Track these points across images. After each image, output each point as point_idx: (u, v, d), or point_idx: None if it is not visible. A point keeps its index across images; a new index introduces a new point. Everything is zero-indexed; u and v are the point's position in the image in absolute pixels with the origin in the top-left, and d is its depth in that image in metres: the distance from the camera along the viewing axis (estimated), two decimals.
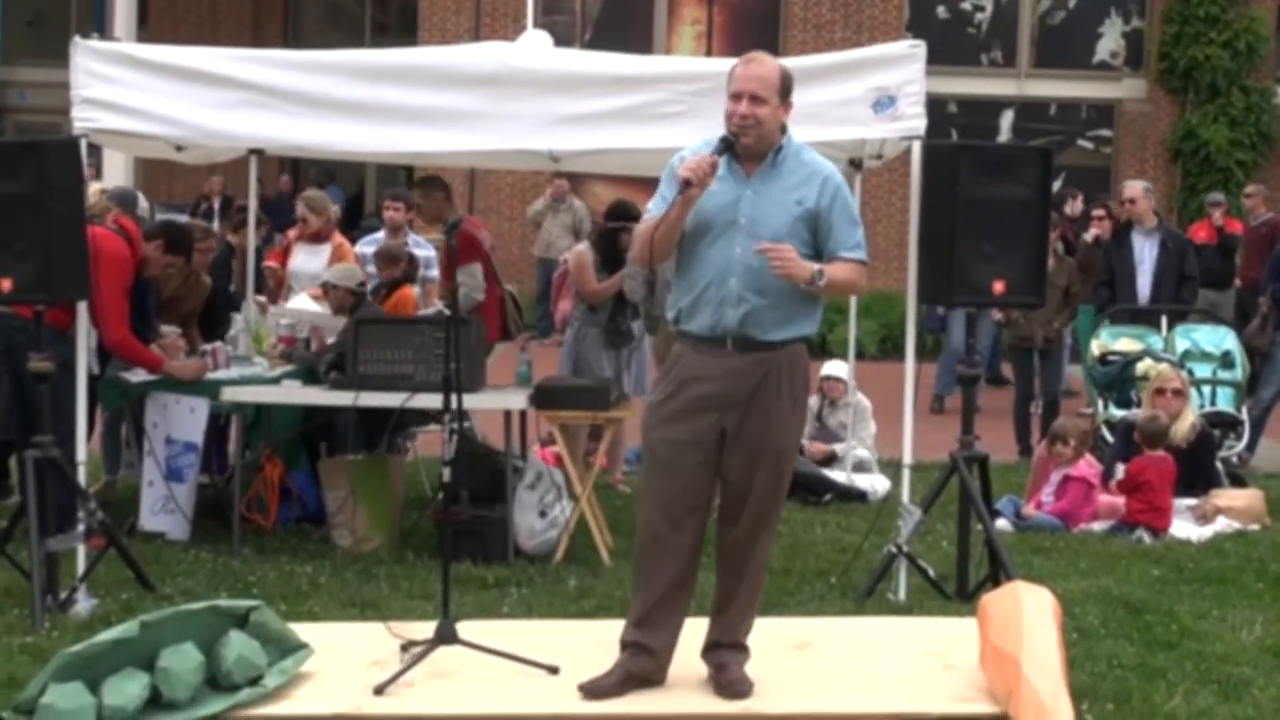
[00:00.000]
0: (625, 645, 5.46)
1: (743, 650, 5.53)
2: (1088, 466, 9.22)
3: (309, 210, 10.33)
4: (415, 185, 11.54)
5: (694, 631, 5.54)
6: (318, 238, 10.19)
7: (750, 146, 5.31)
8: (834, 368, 10.37)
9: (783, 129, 5.39)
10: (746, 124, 5.26)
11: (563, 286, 10.34)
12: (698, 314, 5.35)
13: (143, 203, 10.79)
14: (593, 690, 5.38)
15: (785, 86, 5.34)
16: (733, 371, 5.30)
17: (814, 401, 10.18)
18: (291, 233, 11.20)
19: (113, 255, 7.63)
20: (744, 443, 5.32)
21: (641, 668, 5.43)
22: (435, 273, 10.52)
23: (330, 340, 8.77)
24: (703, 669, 5.53)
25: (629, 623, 5.50)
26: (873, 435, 10.18)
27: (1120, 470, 9.19)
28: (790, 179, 5.33)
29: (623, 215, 9.40)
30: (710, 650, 5.53)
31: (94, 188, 8.56)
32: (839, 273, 5.33)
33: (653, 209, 5.38)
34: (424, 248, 10.65)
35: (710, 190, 5.29)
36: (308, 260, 10.38)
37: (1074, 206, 15.64)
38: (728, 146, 5.28)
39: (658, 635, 5.43)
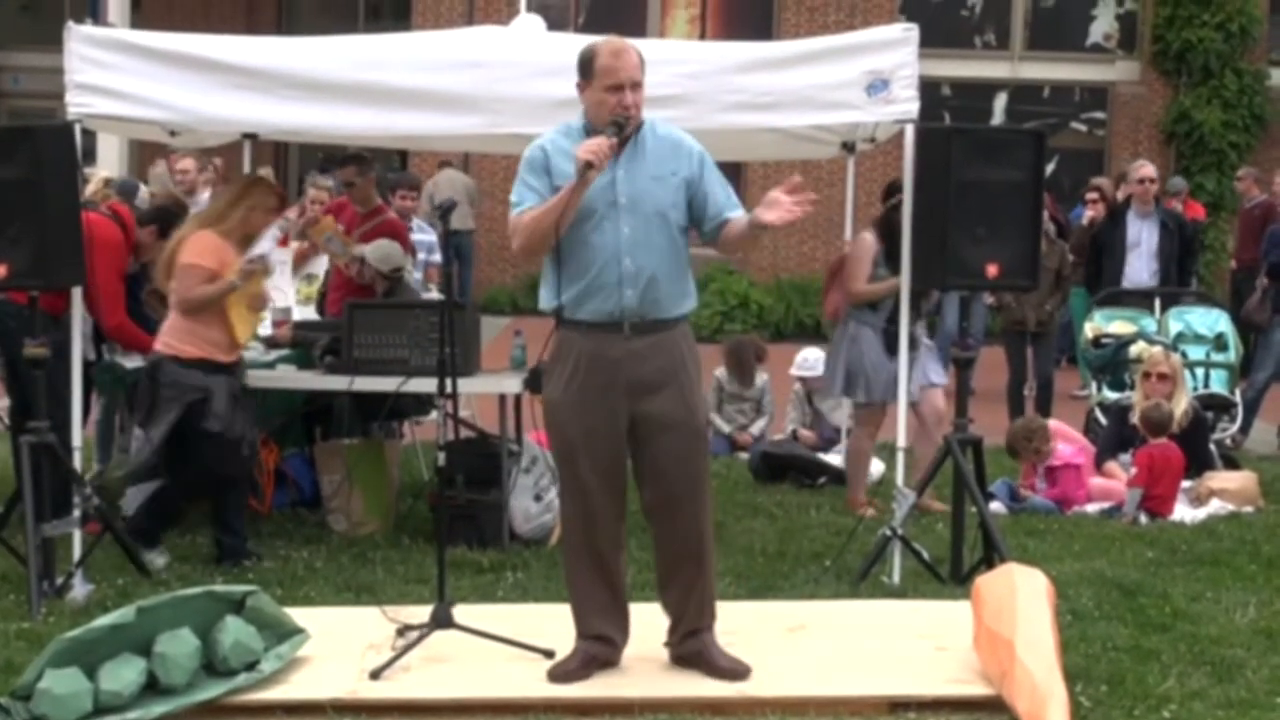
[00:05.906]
0: (579, 635, 5.52)
1: (710, 629, 5.55)
2: (1074, 453, 9.19)
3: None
4: (348, 164, 9.39)
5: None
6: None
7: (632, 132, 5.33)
8: (808, 355, 10.38)
9: None
10: (634, 112, 5.29)
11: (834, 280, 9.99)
12: (590, 300, 5.30)
13: (143, 193, 10.78)
14: (558, 675, 5.42)
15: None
16: (633, 354, 5.30)
17: (798, 389, 10.43)
18: (291, 213, 11.20)
19: (107, 240, 7.63)
20: (658, 423, 5.33)
21: (600, 652, 5.49)
22: (437, 257, 10.55)
23: None
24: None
25: (574, 617, 5.53)
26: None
27: (1118, 463, 9.17)
28: (655, 154, 5.36)
29: None
30: (689, 638, 5.52)
31: (99, 176, 8.55)
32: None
33: (525, 201, 5.31)
34: (426, 232, 10.66)
35: None
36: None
37: (1096, 210, 13.57)
38: (619, 130, 5.26)
39: (605, 624, 5.49)
